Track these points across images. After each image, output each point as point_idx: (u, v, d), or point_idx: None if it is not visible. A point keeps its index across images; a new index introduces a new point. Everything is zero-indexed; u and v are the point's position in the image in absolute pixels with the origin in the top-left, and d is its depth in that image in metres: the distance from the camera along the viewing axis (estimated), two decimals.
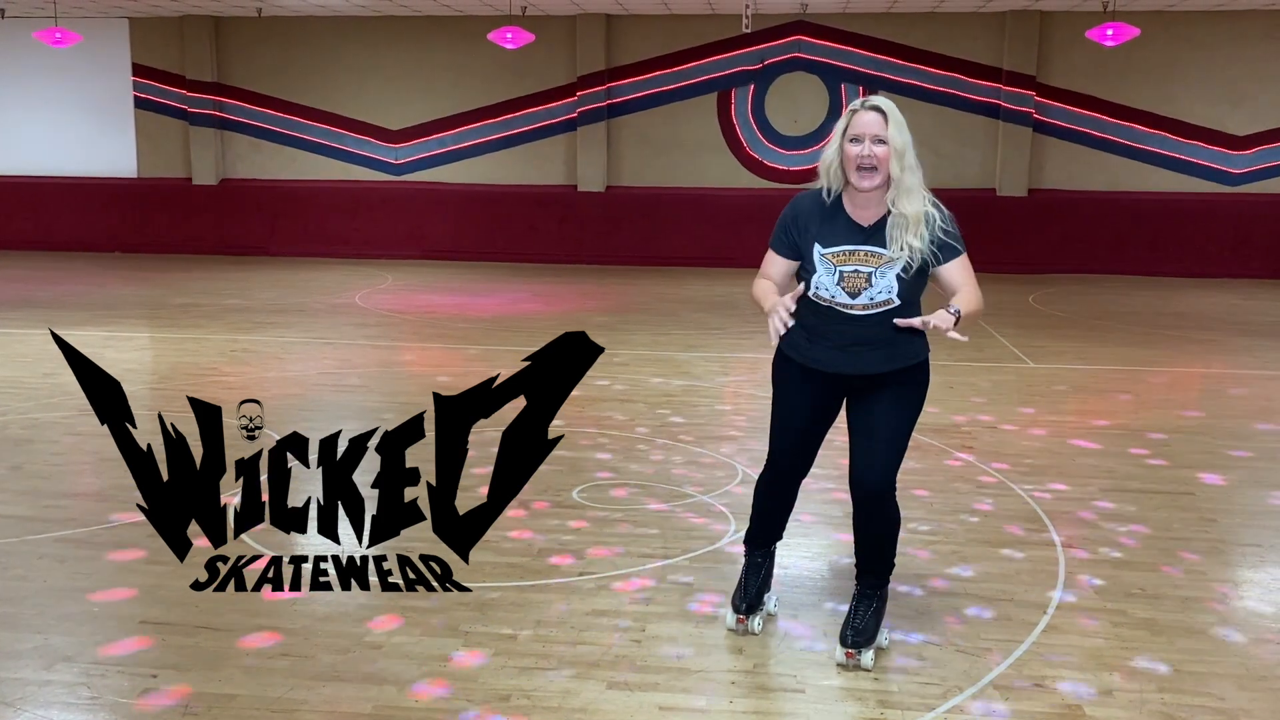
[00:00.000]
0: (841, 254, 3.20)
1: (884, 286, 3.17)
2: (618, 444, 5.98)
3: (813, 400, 3.40)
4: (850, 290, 3.19)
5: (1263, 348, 9.38)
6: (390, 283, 13.32)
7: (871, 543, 3.44)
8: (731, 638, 3.59)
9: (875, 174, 3.13)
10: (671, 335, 9.62)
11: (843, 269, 3.19)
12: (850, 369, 3.28)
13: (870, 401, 3.32)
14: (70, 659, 3.41)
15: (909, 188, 3.13)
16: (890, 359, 3.27)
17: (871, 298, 3.18)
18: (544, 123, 15.68)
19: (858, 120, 3.14)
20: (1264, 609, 3.92)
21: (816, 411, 3.42)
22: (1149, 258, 14.67)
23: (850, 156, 3.14)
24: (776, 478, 3.55)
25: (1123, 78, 14.59)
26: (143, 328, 10.02)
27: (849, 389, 3.36)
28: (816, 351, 3.31)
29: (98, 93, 16.34)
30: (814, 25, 14.92)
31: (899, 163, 3.12)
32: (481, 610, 3.78)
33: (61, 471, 5.39)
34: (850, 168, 3.16)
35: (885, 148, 3.11)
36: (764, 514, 3.62)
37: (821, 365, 3.31)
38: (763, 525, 3.63)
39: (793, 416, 3.43)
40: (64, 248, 16.36)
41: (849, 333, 3.25)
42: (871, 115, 3.14)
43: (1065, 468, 5.64)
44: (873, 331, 3.23)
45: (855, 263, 3.18)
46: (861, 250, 3.19)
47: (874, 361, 3.26)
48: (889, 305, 3.19)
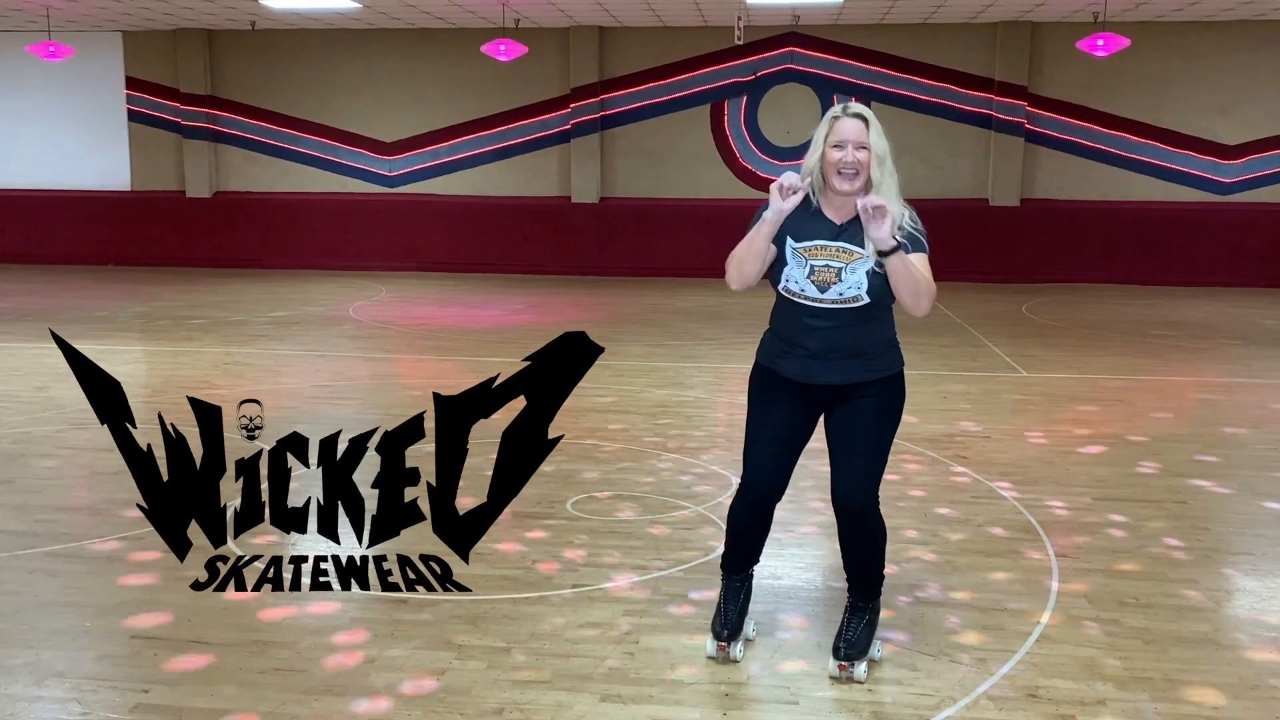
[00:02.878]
0: (813, 248, 3.23)
1: (854, 283, 3.19)
2: (611, 456, 5.98)
3: (788, 415, 3.37)
4: (820, 284, 3.21)
5: (1256, 356, 9.40)
6: (384, 295, 13.31)
7: (858, 557, 3.43)
8: (721, 654, 3.57)
9: (857, 178, 3.18)
10: (665, 346, 9.63)
11: (814, 263, 3.22)
12: (823, 379, 3.27)
13: (847, 417, 3.31)
14: (61, 674, 3.40)
15: (888, 192, 3.18)
16: (864, 370, 3.27)
17: (840, 293, 3.20)
18: (537, 134, 15.72)
19: (840, 127, 3.19)
20: (1257, 618, 3.92)
21: (792, 427, 3.39)
22: (1141, 267, 14.72)
23: (832, 162, 3.19)
24: (751, 498, 3.46)
25: (1114, 88, 14.66)
26: (136, 341, 10.00)
27: (824, 403, 3.35)
28: (791, 362, 3.31)
29: (91, 106, 16.35)
30: (806, 37, 14.98)
31: (880, 168, 3.18)
32: (474, 623, 3.77)
33: (53, 486, 5.38)
34: (831, 172, 3.20)
35: (867, 153, 3.17)
36: (740, 536, 3.54)
37: (795, 375, 3.31)
38: (739, 548, 3.55)
39: (769, 432, 3.39)
40: (57, 261, 16.35)
41: (820, 336, 3.24)
42: (853, 122, 3.19)
43: (1058, 477, 5.65)
44: (843, 336, 3.23)
45: (826, 257, 3.21)
46: (834, 246, 3.22)
47: (846, 371, 3.26)
48: (857, 302, 3.20)
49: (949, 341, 9.94)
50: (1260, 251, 14.59)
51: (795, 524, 4.80)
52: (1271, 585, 4.24)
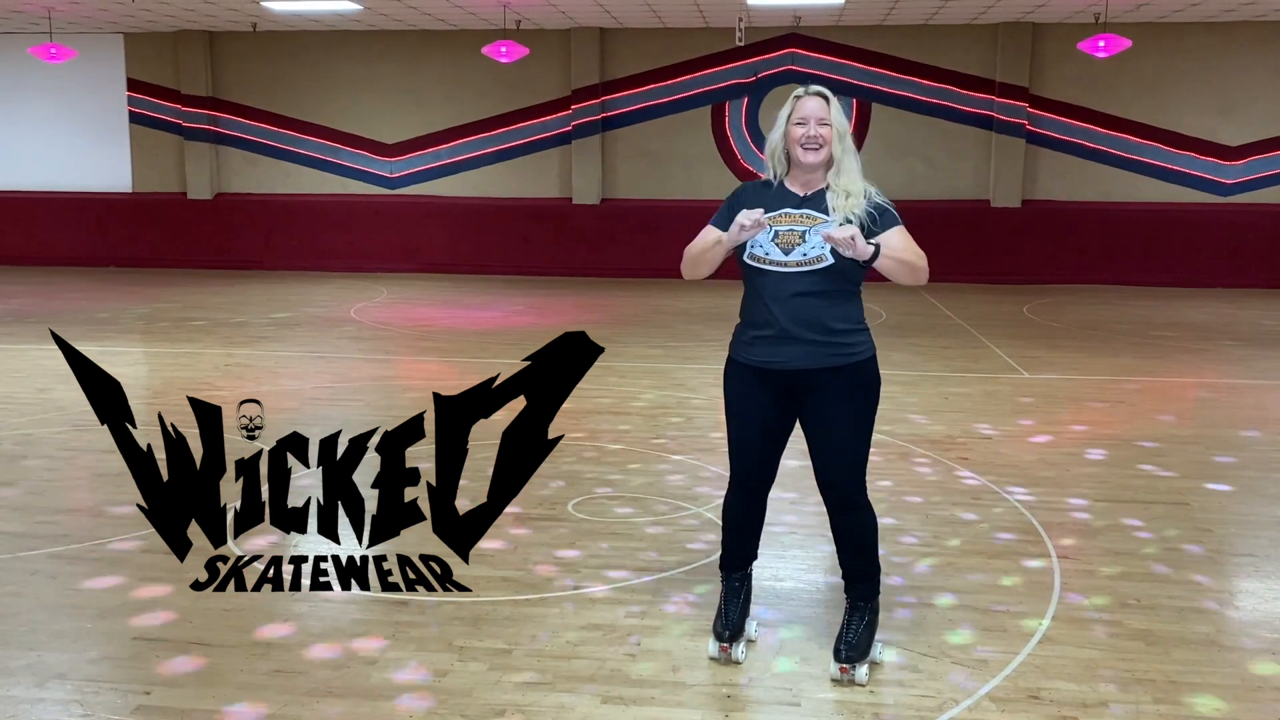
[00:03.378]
0: (778, 216, 3.31)
1: (816, 243, 3.23)
2: (613, 457, 5.98)
3: (764, 407, 3.39)
4: (784, 246, 3.26)
5: (1257, 357, 9.40)
6: (385, 296, 13.32)
7: (850, 546, 3.46)
8: (723, 655, 3.57)
9: (820, 151, 3.28)
10: (666, 347, 9.62)
11: (778, 228, 3.29)
12: (794, 363, 3.28)
13: (821, 408, 3.33)
14: (63, 676, 3.40)
15: (849, 168, 3.29)
16: (832, 354, 3.27)
17: (805, 253, 3.24)
18: (539, 136, 15.72)
19: (802, 105, 3.30)
20: (1259, 620, 3.92)
21: (769, 418, 3.41)
22: (1142, 268, 14.71)
23: (796, 138, 3.29)
24: (742, 492, 3.51)
25: (1114, 89, 14.66)
26: (137, 342, 10.00)
27: (798, 393, 3.34)
28: (760, 347, 3.33)
29: (92, 108, 16.36)
30: (807, 38, 14.98)
31: (841, 144, 3.29)
32: (475, 624, 3.77)
33: (54, 487, 5.38)
34: (795, 147, 3.30)
35: (829, 129, 3.27)
36: (735, 532, 3.57)
37: (765, 361, 3.32)
38: (735, 544, 3.58)
39: (747, 425, 3.43)
40: (58, 263, 16.36)
41: (788, 308, 3.24)
42: (815, 100, 3.30)
43: (1060, 478, 5.64)
44: (809, 308, 3.23)
45: (790, 223, 3.29)
46: (797, 213, 3.30)
47: (815, 355, 3.26)
48: (821, 263, 3.22)
49: (950, 343, 9.93)
50: (1261, 253, 14.58)
51: (797, 525, 4.80)
52: (1275, 587, 4.24)
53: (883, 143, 15.02)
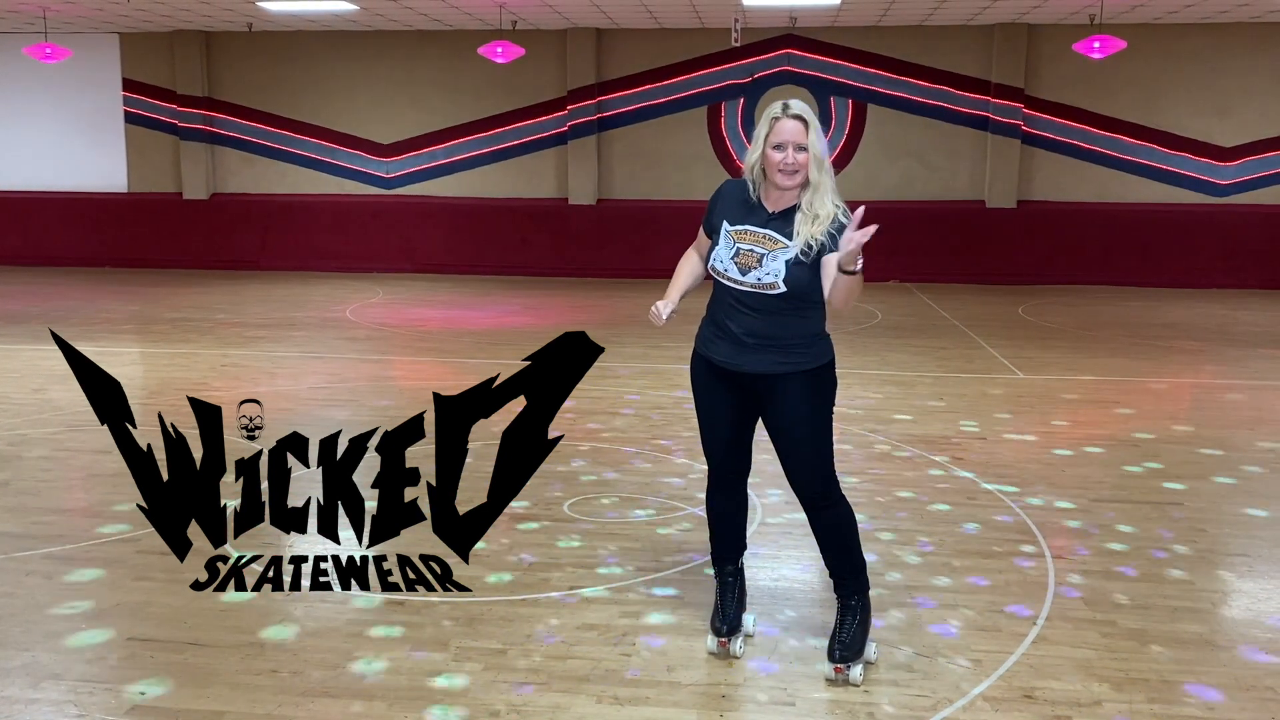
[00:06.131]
0: (743, 231, 3.34)
1: (772, 270, 3.26)
2: (609, 457, 5.99)
3: (728, 403, 3.47)
4: (741, 267, 3.31)
5: (1252, 358, 9.42)
6: (381, 296, 13.31)
7: (832, 544, 3.49)
8: (721, 650, 3.59)
9: (797, 175, 3.28)
10: (663, 348, 9.62)
11: (740, 245, 3.33)
12: (750, 367, 3.35)
13: (781, 412, 3.38)
14: (57, 676, 3.40)
15: (824, 190, 3.29)
16: (786, 363, 3.32)
17: (759, 279, 3.28)
18: (535, 136, 15.72)
19: (780, 128, 3.28)
20: (1252, 619, 3.93)
21: (732, 411, 3.49)
22: (1137, 268, 14.74)
23: (774, 162, 3.27)
24: (720, 483, 3.61)
25: (1110, 90, 14.68)
26: (133, 343, 9.99)
27: (758, 391, 3.40)
28: (720, 346, 3.41)
29: (88, 108, 16.34)
30: (803, 39, 14.99)
31: (818, 168, 3.28)
32: (471, 625, 3.77)
33: (49, 488, 5.37)
34: (773, 171, 3.29)
35: (806, 154, 3.26)
36: (720, 522, 3.65)
37: (725, 361, 3.39)
38: (723, 536, 3.66)
39: (713, 414, 3.52)
40: (54, 263, 16.33)
41: (742, 320, 3.33)
42: (793, 123, 3.27)
43: (1054, 478, 5.65)
44: (762, 324, 3.30)
45: (752, 242, 3.31)
46: (761, 232, 3.32)
47: (770, 362, 3.32)
48: (773, 289, 3.26)
49: (945, 343, 9.94)
50: (1256, 253, 14.61)
51: (792, 526, 4.81)
52: (1267, 586, 4.25)
53: (878, 143, 15.04)
